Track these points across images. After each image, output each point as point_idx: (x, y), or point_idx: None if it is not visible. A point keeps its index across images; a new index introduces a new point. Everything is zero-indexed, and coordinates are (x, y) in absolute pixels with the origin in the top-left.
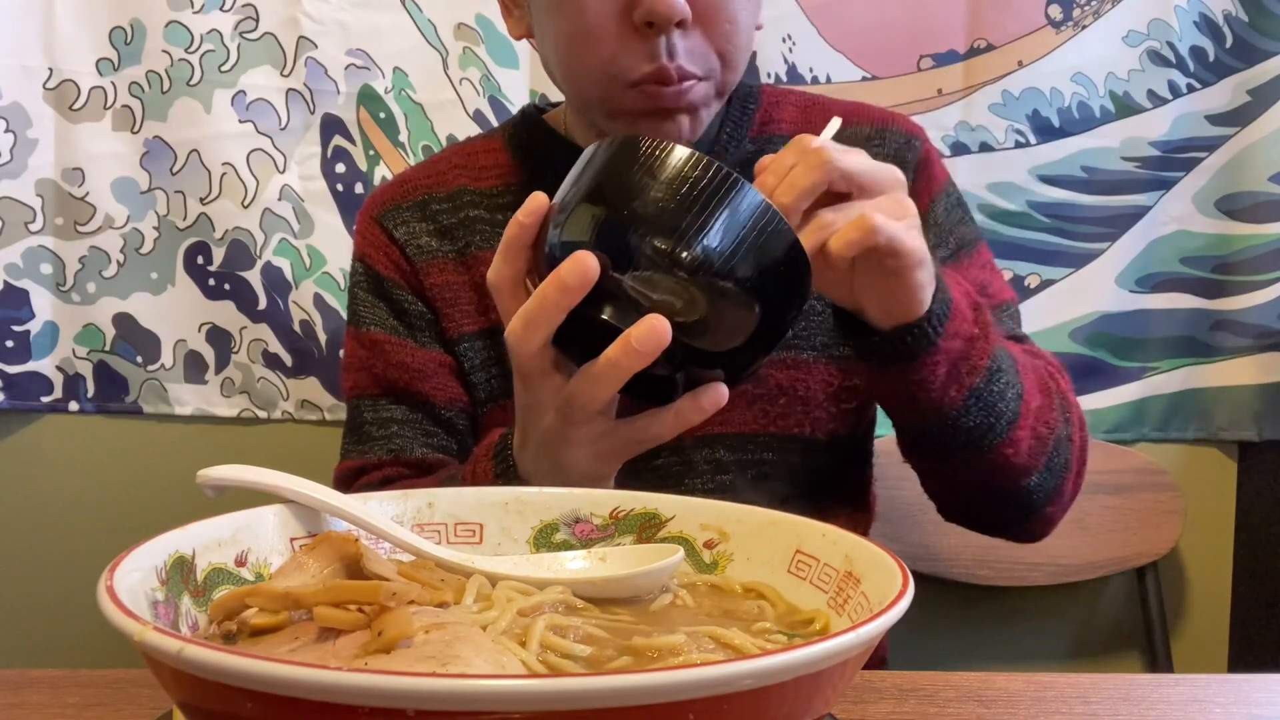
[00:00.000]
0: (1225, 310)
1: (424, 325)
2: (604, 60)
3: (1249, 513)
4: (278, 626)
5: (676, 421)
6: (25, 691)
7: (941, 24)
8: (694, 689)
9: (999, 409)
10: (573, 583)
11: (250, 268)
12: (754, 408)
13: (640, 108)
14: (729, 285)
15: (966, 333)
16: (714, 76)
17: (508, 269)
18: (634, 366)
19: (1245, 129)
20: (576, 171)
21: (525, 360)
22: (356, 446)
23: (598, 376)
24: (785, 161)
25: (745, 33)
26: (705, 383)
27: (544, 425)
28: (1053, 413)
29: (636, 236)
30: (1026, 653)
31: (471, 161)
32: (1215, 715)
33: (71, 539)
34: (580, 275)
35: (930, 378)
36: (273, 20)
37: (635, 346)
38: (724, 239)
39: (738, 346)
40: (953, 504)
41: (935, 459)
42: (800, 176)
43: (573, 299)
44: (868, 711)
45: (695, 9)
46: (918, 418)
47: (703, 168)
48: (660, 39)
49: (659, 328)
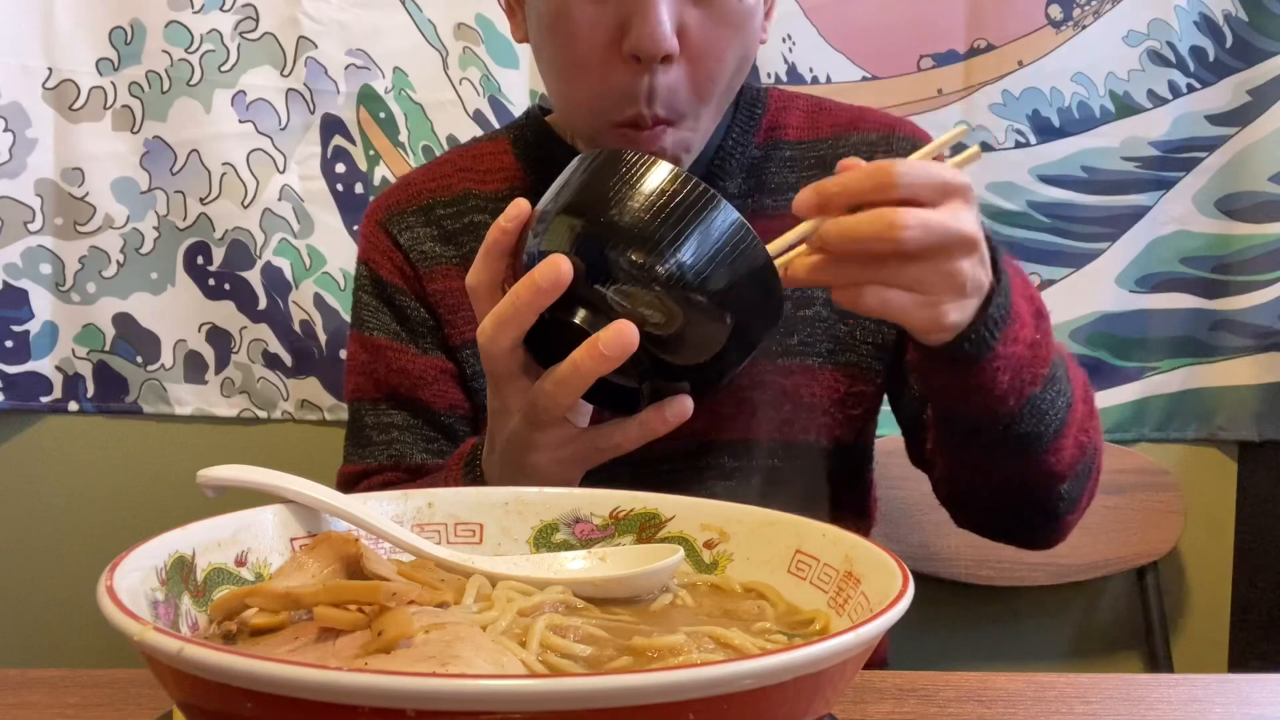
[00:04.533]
0: (1225, 310)
1: (426, 331)
2: (590, 94)
3: (1249, 513)
4: (278, 626)
5: (640, 431)
6: (25, 691)
7: (941, 24)
8: (694, 689)
9: (1050, 417)
10: (573, 583)
11: (250, 268)
12: (759, 414)
13: (620, 144)
14: (701, 300)
15: (1029, 338)
16: (689, 121)
17: (486, 273)
18: (599, 370)
19: (1245, 129)
20: (561, 181)
21: (495, 361)
22: (358, 450)
23: (563, 380)
24: (854, 188)
25: (734, 69)
26: (671, 394)
27: (509, 429)
28: (1093, 420)
29: (612, 247)
30: (1026, 653)
31: (476, 164)
32: (1215, 715)
33: (71, 539)
34: (553, 278)
35: (991, 383)
36: (273, 20)
37: (602, 350)
38: (698, 255)
39: (707, 360)
40: (974, 507)
41: (976, 458)
42: (859, 227)
43: (544, 301)
44: (868, 711)
45: (684, 44)
46: (969, 420)
47: (681, 182)
48: (644, 77)
49: (626, 332)
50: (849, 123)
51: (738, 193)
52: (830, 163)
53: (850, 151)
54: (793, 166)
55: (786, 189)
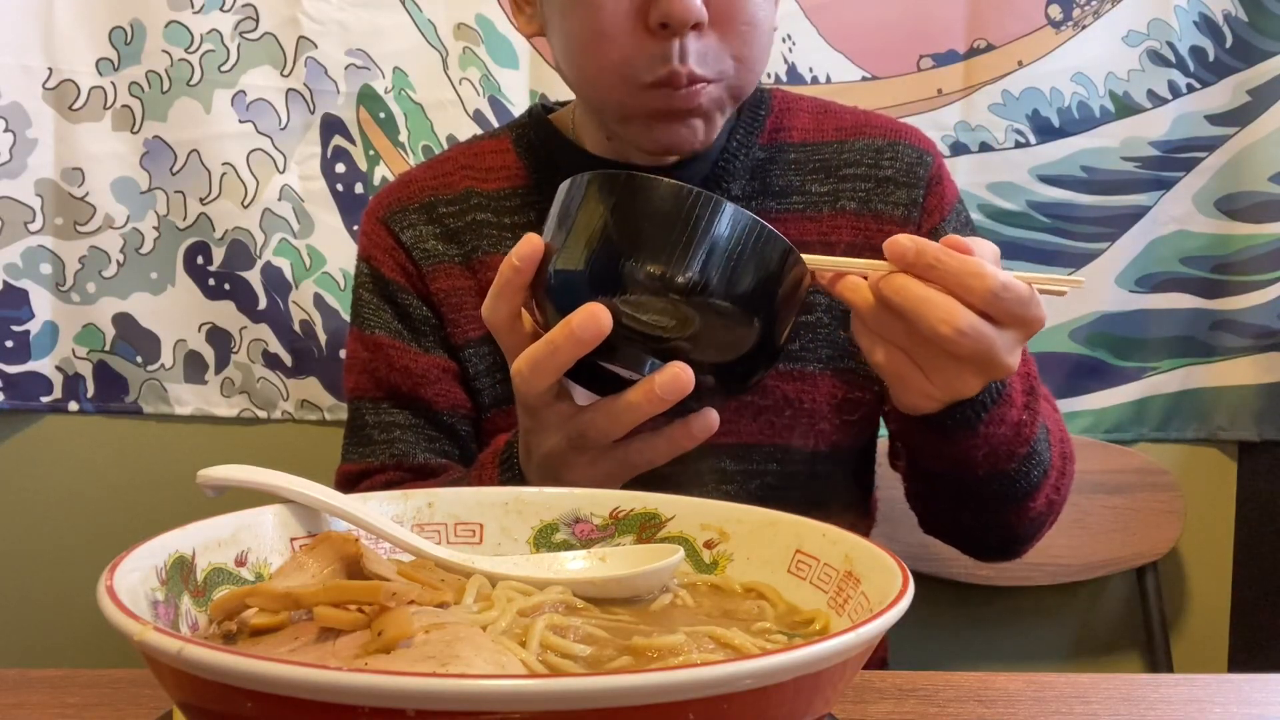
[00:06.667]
0: (1225, 310)
1: (428, 330)
2: (617, 62)
3: (1249, 513)
4: (278, 626)
5: (669, 447)
6: (25, 691)
7: (941, 24)
8: (694, 689)
9: (1020, 486)
10: (573, 583)
11: (250, 268)
12: (759, 419)
13: (652, 109)
14: (727, 304)
15: (1014, 419)
16: (727, 79)
17: (505, 308)
18: (654, 411)
19: (1245, 129)
20: (563, 208)
21: (530, 399)
22: (358, 449)
23: (616, 415)
24: (949, 273)
25: (763, 34)
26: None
27: (547, 447)
28: (1065, 479)
29: (632, 267)
30: (1026, 653)
31: (478, 162)
32: (1215, 715)
33: (71, 539)
34: (595, 330)
35: (965, 455)
36: (273, 20)
37: (659, 393)
38: (720, 262)
39: (737, 359)
40: (934, 527)
41: (940, 499)
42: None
43: (584, 350)
44: (868, 711)
45: (712, 11)
46: (937, 472)
47: (688, 195)
48: (674, 41)
49: (683, 376)
50: (854, 126)
51: (742, 195)
52: (834, 166)
53: (855, 156)
54: (797, 169)
55: (790, 192)
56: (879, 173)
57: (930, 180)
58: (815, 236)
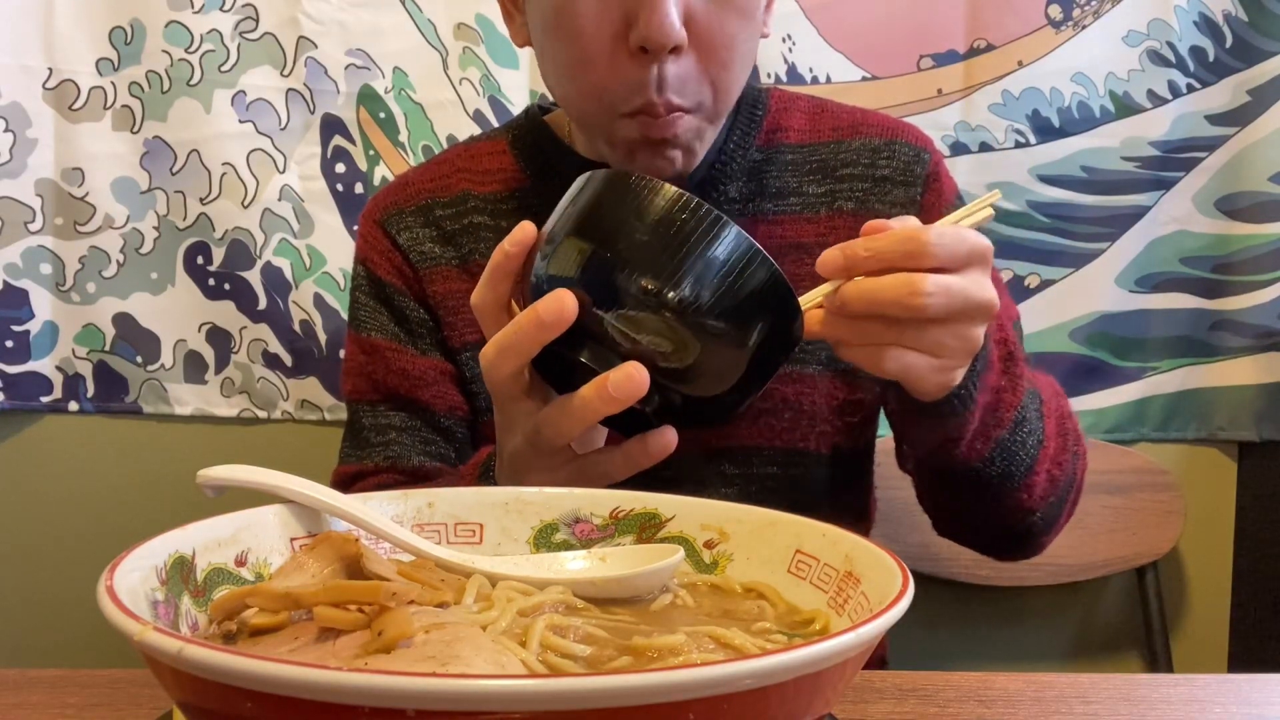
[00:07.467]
0: (1225, 310)
1: (425, 332)
2: (597, 88)
3: (1249, 513)
4: (278, 626)
5: (625, 462)
6: (25, 691)
7: (941, 24)
8: (694, 689)
9: (1019, 457)
10: (573, 583)
11: (250, 268)
12: (759, 422)
13: (630, 138)
14: (715, 326)
15: (994, 384)
16: (703, 108)
17: (491, 294)
18: (606, 410)
19: (1245, 129)
20: (566, 201)
21: (496, 385)
22: (354, 451)
23: (569, 412)
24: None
25: (743, 58)
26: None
27: (512, 447)
28: (1066, 454)
29: (621, 275)
30: (1026, 653)
31: (475, 164)
32: (1215, 715)
33: (71, 539)
34: (557, 314)
35: (961, 432)
36: (273, 20)
37: (611, 392)
38: (708, 280)
39: (722, 392)
40: (949, 526)
41: (950, 494)
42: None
43: (548, 335)
44: (868, 711)
45: (692, 34)
46: (939, 461)
47: (691, 209)
48: (652, 67)
49: (636, 377)
50: (851, 126)
51: (738, 197)
52: (831, 166)
53: (852, 156)
54: (794, 170)
55: (787, 193)
56: (876, 172)
57: (928, 178)
58: (813, 238)
